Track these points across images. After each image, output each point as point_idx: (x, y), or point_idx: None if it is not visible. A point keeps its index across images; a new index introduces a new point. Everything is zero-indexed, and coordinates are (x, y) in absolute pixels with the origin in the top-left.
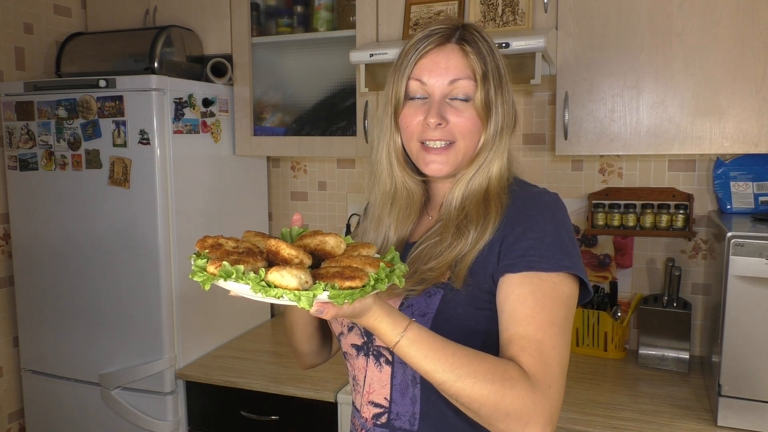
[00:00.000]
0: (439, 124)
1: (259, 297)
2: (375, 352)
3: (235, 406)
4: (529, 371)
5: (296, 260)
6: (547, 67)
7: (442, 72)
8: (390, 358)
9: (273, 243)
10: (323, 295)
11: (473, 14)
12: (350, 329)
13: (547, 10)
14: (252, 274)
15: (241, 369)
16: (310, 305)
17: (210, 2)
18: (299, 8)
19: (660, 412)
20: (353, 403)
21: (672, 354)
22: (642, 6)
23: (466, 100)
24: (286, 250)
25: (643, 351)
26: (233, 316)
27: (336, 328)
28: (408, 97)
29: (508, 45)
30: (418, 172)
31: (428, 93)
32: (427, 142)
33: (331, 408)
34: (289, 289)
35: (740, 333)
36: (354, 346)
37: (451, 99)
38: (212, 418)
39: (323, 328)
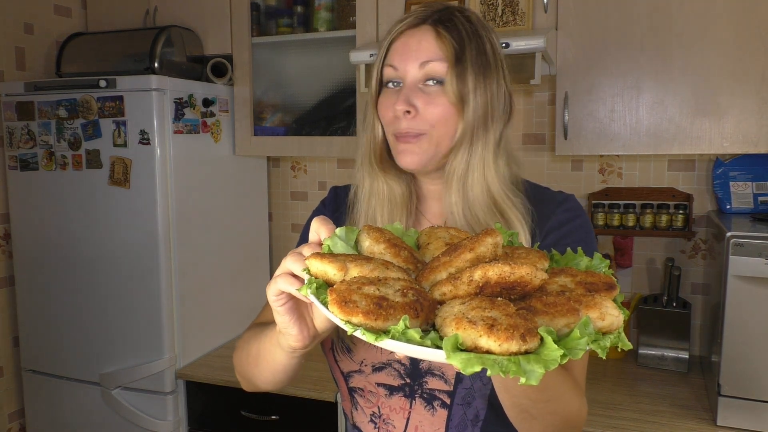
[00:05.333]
0: (407, 112)
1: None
2: (426, 395)
3: (235, 406)
4: (578, 380)
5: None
6: (547, 67)
7: (413, 54)
8: (448, 401)
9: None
10: None
11: None
12: (378, 369)
13: (547, 10)
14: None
15: None
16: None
17: (210, 2)
18: (299, 8)
19: (660, 412)
20: None
21: (671, 354)
22: (642, 6)
23: (438, 83)
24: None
25: (642, 351)
26: (233, 316)
27: (347, 366)
28: (384, 85)
29: (508, 45)
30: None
31: (401, 78)
32: (398, 133)
33: (331, 408)
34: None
35: (740, 333)
36: (383, 385)
37: (425, 84)
38: (212, 418)
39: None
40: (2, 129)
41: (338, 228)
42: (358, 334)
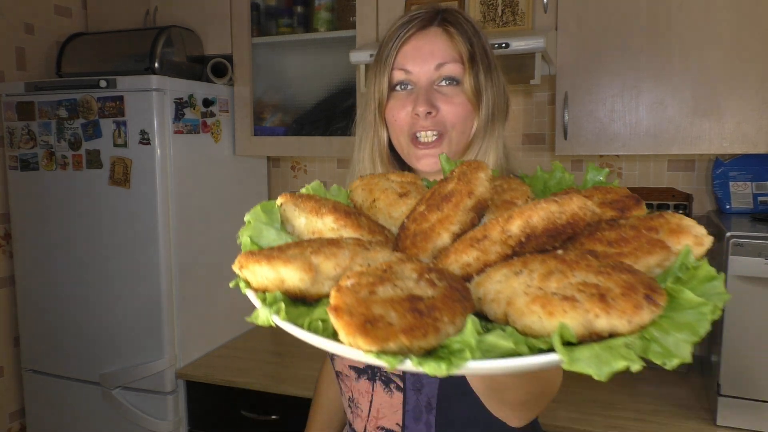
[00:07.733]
0: (429, 113)
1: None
2: (383, 378)
3: (235, 406)
4: None
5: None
6: (547, 67)
7: (427, 57)
8: (401, 384)
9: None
10: None
11: (473, 14)
12: None
13: (546, 10)
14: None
15: (241, 369)
16: None
17: (210, 2)
18: (299, 8)
19: (660, 412)
20: (350, 424)
21: None
22: (642, 6)
23: (455, 84)
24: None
25: None
26: (233, 316)
27: None
28: (392, 89)
29: (508, 45)
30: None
31: (414, 81)
32: (419, 135)
33: None
34: None
35: (739, 333)
36: (353, 368)
37: (439, 85)
38: (212, 418)
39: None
40: (2, 129)
41: (249, 211)
42: (408, 365)
